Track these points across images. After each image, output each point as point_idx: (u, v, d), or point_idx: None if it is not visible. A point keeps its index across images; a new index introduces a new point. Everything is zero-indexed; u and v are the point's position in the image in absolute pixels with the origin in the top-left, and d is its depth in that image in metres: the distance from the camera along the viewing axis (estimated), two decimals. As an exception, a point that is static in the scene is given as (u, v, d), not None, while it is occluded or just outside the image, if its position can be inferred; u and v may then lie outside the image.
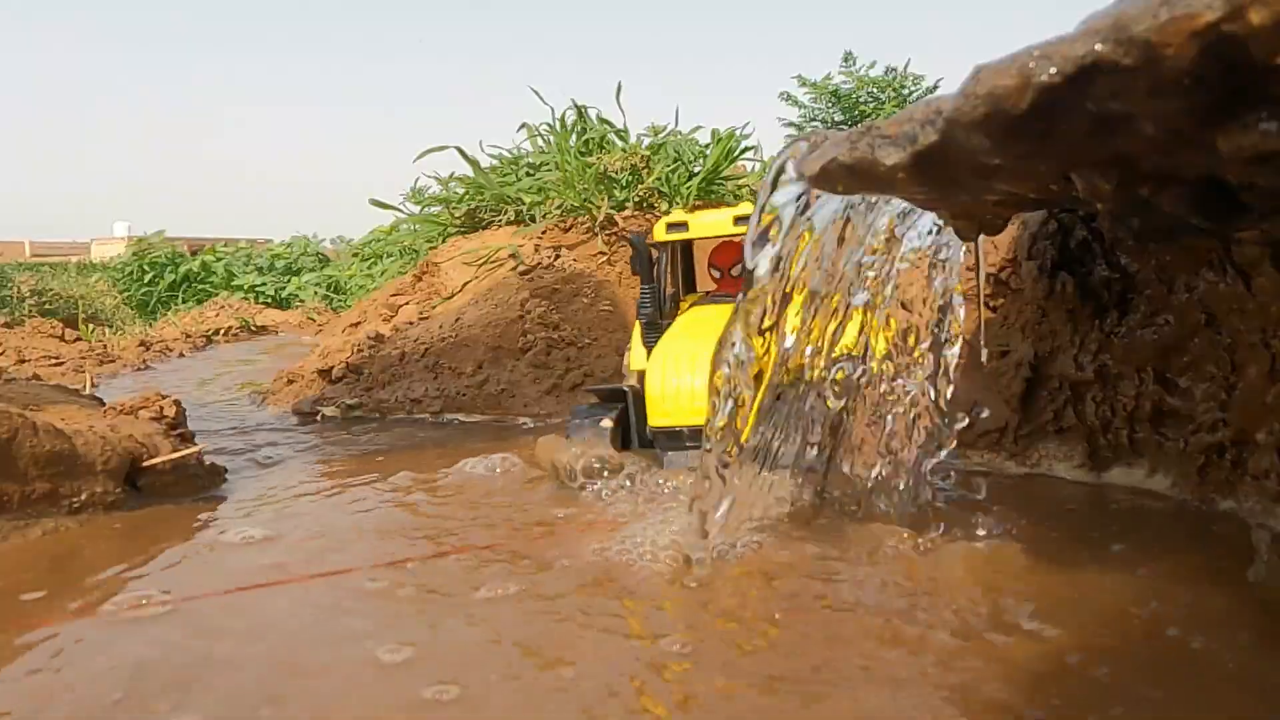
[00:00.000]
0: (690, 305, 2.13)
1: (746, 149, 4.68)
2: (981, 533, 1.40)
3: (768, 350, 1.27)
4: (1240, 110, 0.73)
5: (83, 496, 1.76)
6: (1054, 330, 1.84)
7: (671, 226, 2.04)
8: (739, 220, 1.89)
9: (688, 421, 1.76)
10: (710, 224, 2.02)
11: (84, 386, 3.28)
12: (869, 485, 1.50)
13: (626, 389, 1.99)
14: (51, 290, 8.33)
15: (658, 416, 1.79)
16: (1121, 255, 1.72)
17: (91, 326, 6.92)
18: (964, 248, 1.46)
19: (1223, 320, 1.54)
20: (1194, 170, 0.85)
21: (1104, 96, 0.73)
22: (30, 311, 7.26)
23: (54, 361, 4.35)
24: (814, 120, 13.25)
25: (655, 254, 2.06)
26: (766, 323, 1.22)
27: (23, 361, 4.30)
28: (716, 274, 2.12)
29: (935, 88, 12.51)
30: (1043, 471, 1.83)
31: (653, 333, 2.02)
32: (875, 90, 12.93)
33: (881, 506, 1.50)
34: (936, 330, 1.51)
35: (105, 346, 5.24)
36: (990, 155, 0.87)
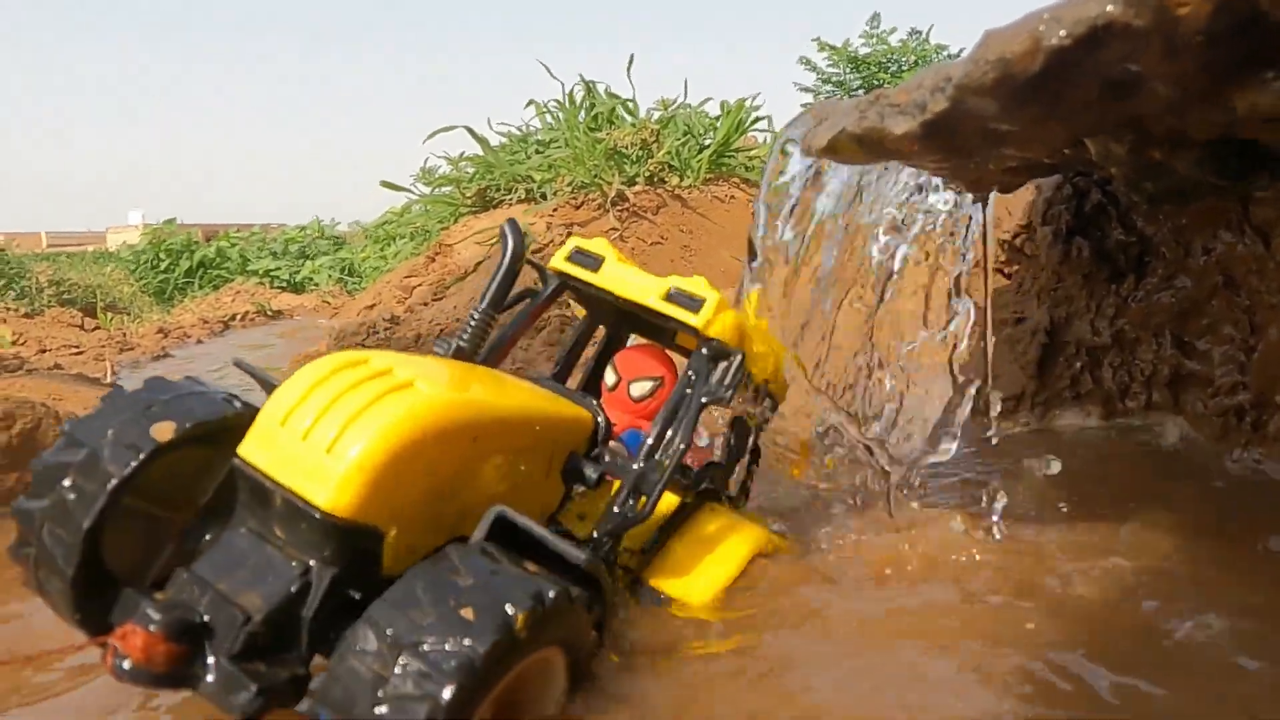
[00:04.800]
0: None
1: (757, 120, 4.65)
2: (1001, 501, 1.40)
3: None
4: (1256, 68, 0.72)
5: (107, 484, 1.78)
6: (1070, 295, 1.83)
7: (579, 256, 1.20)
8: (674, 296, 1.11)
9: None
10: (631, 285, 1.16)
11: (105, 375, 3.32)
12: (883, 458, 1.49)
13: None
14: (69, 280, 8.39)
15: None
16: (1138, 218, 1.70)
17: (110, 315, 6.97)
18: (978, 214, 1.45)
19: (1241, 282, 1.53)
20: (1208, 130, 0.84)
21: (1116, 58, 0.72)
22: (49, 301, 7.33)
23: (74, 351, 4.39)
24: (829, 84, 13.10)
25: (539, 281, 1.25)
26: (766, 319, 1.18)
27: (44, 351, 4.34)
28: (611, 379, 1.20)
29: (959, 55, 12.34)
30: (1062, 436, 1.82)
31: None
32: (896, 56, 12.75)
33: (896, 479, 1.49)
34: (951, 298, 1.50)
35: (124, 334, 5.29)
36: (1001, 121, 0.86)
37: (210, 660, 0.75)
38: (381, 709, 0.67)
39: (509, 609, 0.71)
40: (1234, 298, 1.55)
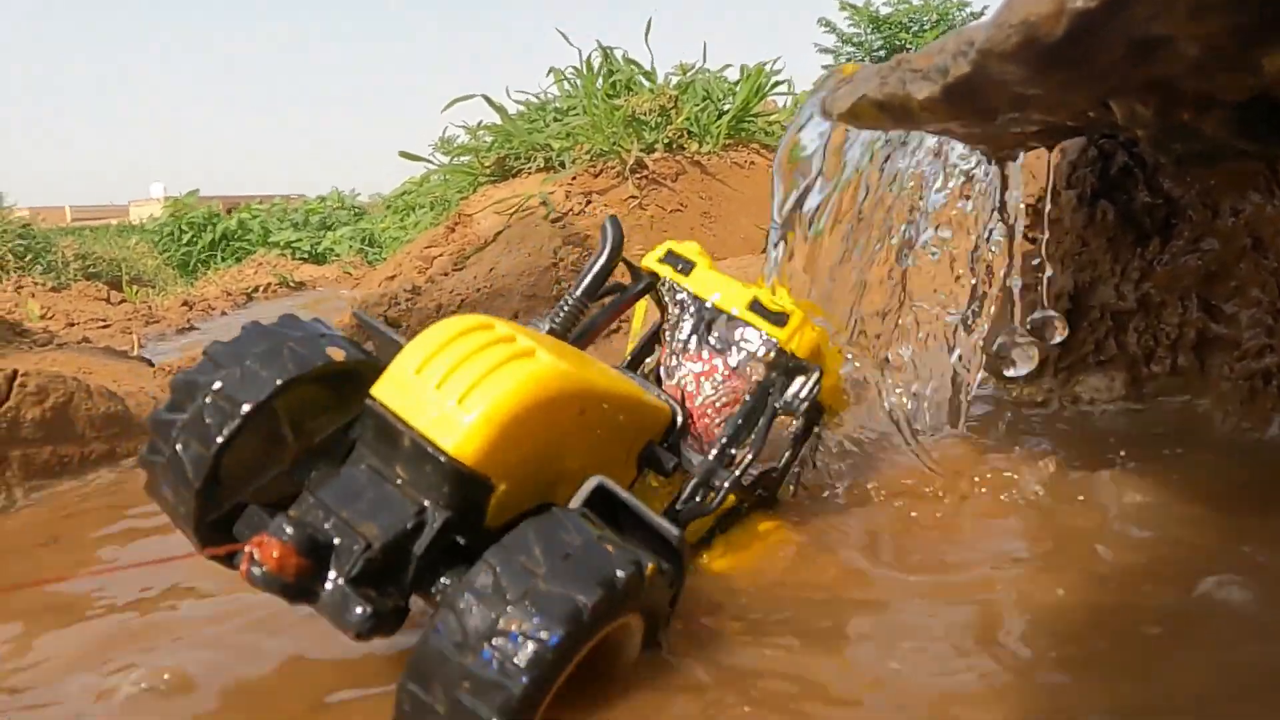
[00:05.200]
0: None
1: (777, 84, 4.59)
2: (1025, 465, 1.40)
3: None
4: (1285, 28, 0.70)
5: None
6: (1094, 260, 1.81)
7: (672, 258, 1.24)
8: (758, 308, 1.15)
9: None
10: (719, 292, 1.19)
11: (131, 348, 3.37)
12: (907, 420, 1.49)
13: None
14: (95, 253, 8.46)
15: None
16: (1164, 180, 1.68)
17: (135, 288, 7.04)
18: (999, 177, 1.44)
19: (1269, 244, 1.51)
20: (1237, 92, 0.82)
21: (1142, 19, 0.71)
22: (75, 275, 7.41)
23: (101, 324, 4.45)
24: (850, 45, 12.95)
25: (635, 278, 1.27)
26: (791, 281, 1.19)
27: (72, 325, 4.40)
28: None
29: (982, 14, 12.15)
30: (1085, 401, 1.81)
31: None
32: (918, 15, 12.58)
33: (921, 438, 1.50)
34: (974, 263, 1.50)
35: (149, 307, 5.34)
36: (1025, 85, 0.85)
37: (331, 579, 0.80)
38: (494, 643, 0.71)
39: (615, 570, 0.76)
40: (1261, 260, 1.53)
